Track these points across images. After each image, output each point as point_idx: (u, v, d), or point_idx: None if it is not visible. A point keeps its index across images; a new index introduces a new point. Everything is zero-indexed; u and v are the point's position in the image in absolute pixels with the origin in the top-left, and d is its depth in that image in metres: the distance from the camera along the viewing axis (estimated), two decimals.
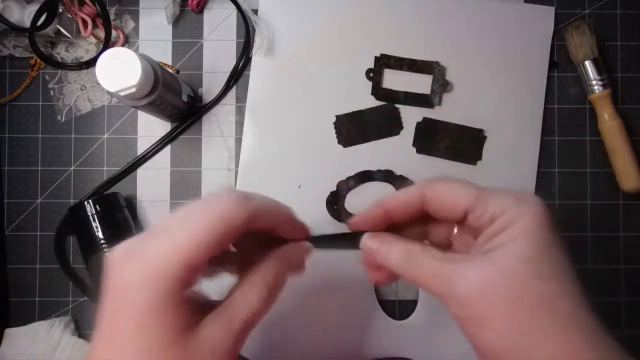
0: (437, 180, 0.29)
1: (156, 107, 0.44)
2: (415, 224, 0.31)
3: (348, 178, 0.50)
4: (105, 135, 0.51)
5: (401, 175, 0.50)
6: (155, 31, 0.51)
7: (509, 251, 0.25)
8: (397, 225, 0.31)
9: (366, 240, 0.31)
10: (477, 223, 0.27)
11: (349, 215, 0.49)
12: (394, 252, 0.29)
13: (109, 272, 0.25)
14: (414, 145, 0.50)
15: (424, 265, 0.27)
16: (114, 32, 0.50)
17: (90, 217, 0.45)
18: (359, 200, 0.49)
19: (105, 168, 0.51)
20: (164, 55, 0.51)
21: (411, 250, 0.28)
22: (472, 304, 0.25)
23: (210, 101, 0.51)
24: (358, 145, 0.50)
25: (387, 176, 0.50)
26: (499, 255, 0.25)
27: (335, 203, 0.50)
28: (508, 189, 0.27)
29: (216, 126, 0.51)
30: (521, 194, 0.27)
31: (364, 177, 0.50)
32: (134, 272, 0.24)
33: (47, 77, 0.51)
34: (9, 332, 0.48)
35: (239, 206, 0.25)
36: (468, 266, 0.26)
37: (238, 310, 0.26)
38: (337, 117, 0.50)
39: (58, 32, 0.51)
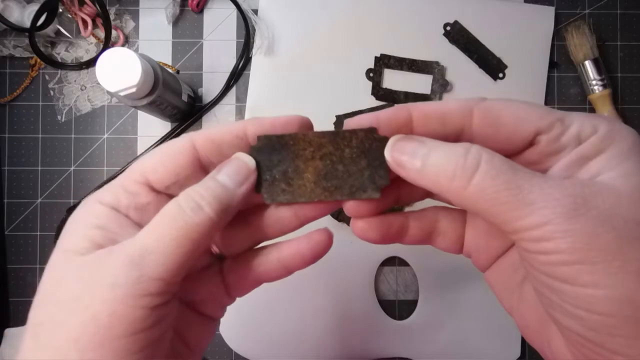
0: (486, 98, 0.22)
1: (156, 107, 0.44)
2: None
3: None
4: (105, 135, 0.51)
5: None
6: (155, 31, 0.51)
7: (630, 173, 0.19)
8: None
9: (394, 145, 0.22)
10: (555, 146, 0.21)
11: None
12: (439, 151, 0.21)
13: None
14: None
15: (495, 173, 0.19)
16: (114, 32, 0.50)
17: None
18: None
19: (105, 168, 0.51)
20: (164, 55, 0.51)
21: (468, 146, 0.20)
22: (584, 241, 0.18)
23: (210, 101, 0.51)
24: None
25: None
26: (617, 178, 0.19)
27: None
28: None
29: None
30: (604, 116, 0.21)
31: None
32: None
33: (47, 77, 0.51)
34: (9, 332, 0.48)
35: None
36: (573, 186, 0.19)
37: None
38: (337, 117, 0.50)
39: (58, 32, 0.51)
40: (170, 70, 0.46)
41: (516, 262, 0.24)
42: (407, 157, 0.21)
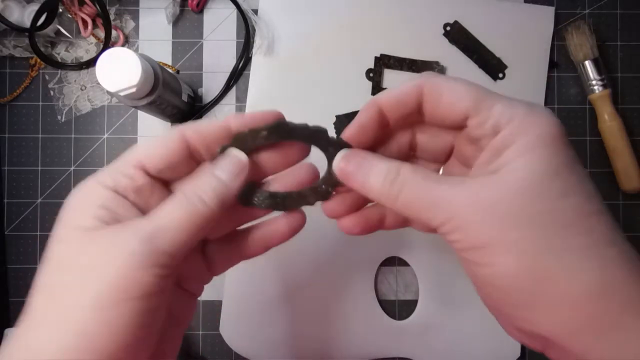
0: (438, 75, 0.25)
1: (156, 107, 0.44)
2: (406, 143, 0.28)
3: None
4: (105, 135, 0.51)
5: None
6: (155, 31, 0.51)
7: (526, 164, 0.21)
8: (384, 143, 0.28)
9: (340, 161, 0.26)
10: (478, 132, 0.23)
11: None
12: (375, 172, 0.25)
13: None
14: None
15: (414, 186, 0.24)
16: (114, 32, 0.50)
17: None
18: None
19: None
20: (164, 55, 0.51)
21: (398, 168, 0.24)
22: (478, 229, 0.22)
23: (210, 101, 0.51)
24: None
25: None
26: (513, 170, 0.22)
27: None
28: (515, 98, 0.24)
29: None
30: (531, 103, 0.23)
31: None
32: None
33: (47, 77, 0.51)
34: (9, 332, 0.48)
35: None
36: (472, 185, 0.22)
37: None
38: (337, 117, 0.50)
39: (58, 32, 0.51)
40: (170, 70, 0.46)
41: None
42: (351, 177, 0.26)
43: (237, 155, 0.26)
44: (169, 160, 0.25)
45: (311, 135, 0.27)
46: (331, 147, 0.27)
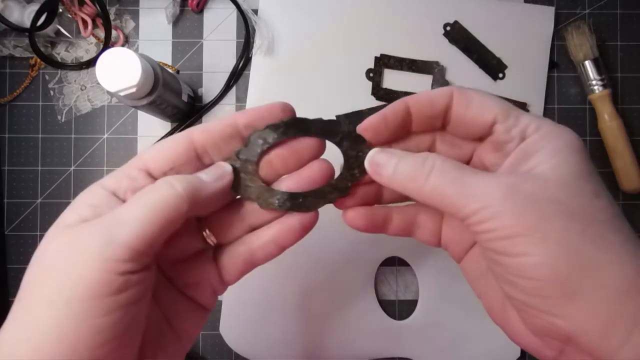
0: (467, 87, 0.26)
1: (156, 107, 0.44)
2: (425, 148, 0.28)
3: None
4: (105, 135, 0.51)
5: None
6: (155, 31, 0.51)
7: (561, 164, 0.23)
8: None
9: (375, 154, 0.27)
10: (505, 137, 0.25)
11: None
12: (405, 163, 0.25)
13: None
14: None
15: (446, 172, 0.24)
16: (114, 32, 0.50)
17: None
18: None
19: (105, 168, 0.51)
20: (164, 55, 0.51)
21: (428, 154, 0.25)
22: (514, 218, 0.22)
23: (210, 101, 0.51)
24: None
25: None
26: (551, 167, 0.23)
27: None
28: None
29: None
30: (548, 119, 0.25)
31: None
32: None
33: (47, 77, 0.51)
34: None
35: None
36: (508, 178, 0.23)
37: None
38: (337, 117, 0.50)
39: (58, 32, 0.51)
40: (170, 70, 0.46)
41: (481, 252, 0.28)
42: (382, 167, 0.26)
43: (221, 164, 0.26)
44: (173, 161, 0.25)
45: (326, 128, 0.27)
46: (346, 141, 0.27)
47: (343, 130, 0.27)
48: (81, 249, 0.21)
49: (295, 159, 0.27)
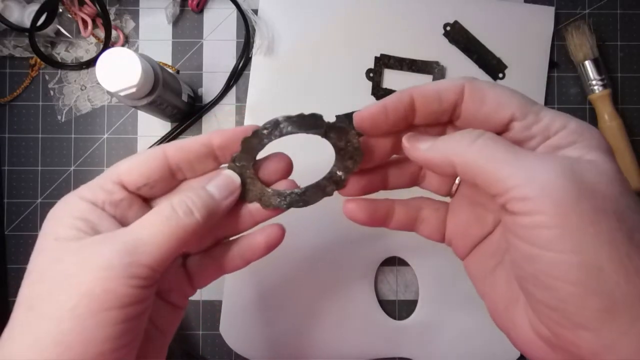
0: (479, 79, 0.24)
1: (156, 107, 0.44)
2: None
3: None
4: (105, 135, 0.51)
5: None
6: (155, 31, 0.51)
7: (604, 161, 0.21)
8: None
9: (412, 135, 0.25)
10: (525, 134, 0.23)
11: None
12: (446, 138, 0.24)
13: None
14: None
15: (496, 140, 0.22)
16: (114, 32, 0.50)
17: None
18: None
19: (105, 168, 0.51)
20: (164, 55, 0.51)
21: (475, 130, 0.23)
22: (557, 206, 0.19)
23: (210, 101, 0.51)
24: None
25: None
26: (590, 161, 0.21)
27: None
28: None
29: (216, 126, 0.51)
30: (571, 116, 0.23)
31: None
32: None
33: (47, 77, 0.51)
34: None
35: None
36: (564, 158, 0.21)
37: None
38: (337, 117, 0.50)
39: (58, 32, 0.51)
40: (170, 70, 0.46)
41: (491, 249, 0.27)
42: (419, 142, 0.25)
43: (231, 176, 0.27)
44: (148, 177, 0.26)
45: (308, 122, 0.28)
46: (332, 133, 0.28)
47: (325, 123, 0.28)
48: (104, 265, 0.22)
49: (277, 164, 0.29)
